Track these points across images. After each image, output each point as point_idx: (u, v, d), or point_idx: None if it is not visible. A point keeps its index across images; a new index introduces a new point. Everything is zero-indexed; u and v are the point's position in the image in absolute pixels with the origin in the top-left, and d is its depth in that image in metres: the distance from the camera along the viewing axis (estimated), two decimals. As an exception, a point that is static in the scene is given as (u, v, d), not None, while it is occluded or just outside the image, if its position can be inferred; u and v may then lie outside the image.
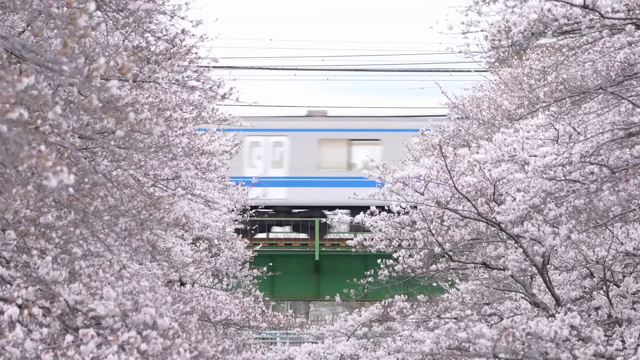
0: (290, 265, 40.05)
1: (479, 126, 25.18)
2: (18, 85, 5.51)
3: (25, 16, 9.60)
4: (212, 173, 16.68)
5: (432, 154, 22.31)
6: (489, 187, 14.24)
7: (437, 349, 13.15)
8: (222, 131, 20.23)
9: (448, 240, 14.45)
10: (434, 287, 18.35)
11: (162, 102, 11.25)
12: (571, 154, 12.06)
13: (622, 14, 10.92)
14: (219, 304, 19.12)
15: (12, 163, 5.94)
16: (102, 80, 6.90)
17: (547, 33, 11.28)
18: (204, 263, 20.83)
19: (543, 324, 11.26)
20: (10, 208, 8.02)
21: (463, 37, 11.30)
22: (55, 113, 5.96)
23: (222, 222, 21.34)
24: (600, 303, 13.95)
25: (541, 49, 19.51)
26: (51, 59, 6.21)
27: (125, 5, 10.03)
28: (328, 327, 17.65)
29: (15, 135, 5.83)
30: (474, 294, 16.05)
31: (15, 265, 9.20)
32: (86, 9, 5.74)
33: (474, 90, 28.17)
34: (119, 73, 6.33)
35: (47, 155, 5.78)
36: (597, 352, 11.28)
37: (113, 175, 9.76)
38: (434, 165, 14.60)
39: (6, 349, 7.69)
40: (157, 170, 11.95)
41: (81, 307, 8.59)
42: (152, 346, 8.02)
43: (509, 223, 13.52)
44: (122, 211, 9.66)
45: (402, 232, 14.79)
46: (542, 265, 13.83)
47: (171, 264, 15.01)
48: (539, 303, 13.91)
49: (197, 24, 11.15)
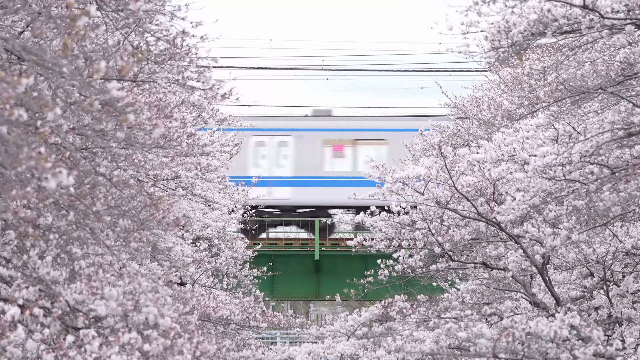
0: (290, 265, 40.04)
1: (479, 126, 25.18)
2: (18, 87, 5.52)
3: (25, 17, 9.60)
4: (212, 173, 16.68)
5: (432, 153, 22.31)
6: (488, 187, 14.24)
7: (437, 348, 13.15)
8: (222, 131, 20.24)
9: (448, 240, 14.46)
10: (434, 287, 18.36)
11: (162, 102, 11.25)
12: (571, 153, 12.06)
13: (622, 14, 10.92)
14: (219, 303, 19.14)
15: (11, 164, 5.94)
16: (102, 80, 6.91)
17: (547, 33, 11.28)
18: (204, 263, 20.84)
19: (543, 324, 11.27)
20: (10, 209, 8.02)
21: (463, 37, 11.31)
22: (55, 114, 5.97)
23: (222, 222, 21.36)
24: (600, 302, 13.96)
25: (541, 49, 19.51)
26: (51, 60, 6.21)
27: (125, 6, 10.03)
28: (328, 327, 17.65)
29: (15, 137, 5.83)
30: (474, 294, 16.06)
31: (15, 265, 9.20)
32: (87, 10, 5.75)
33: (474, 90, 28.18)
34: (119, 74, 6.34)
35: (47, 156, 5.78)
36: (597, 352, 11.29)
37: (113, 175, 9.77)
38: (433, 165, 14.60)
39: (7, 349, 7.70)
40: (157, 170, 11.96)
41: (82, 307, 8.60)
42: (153, 346, 8.03)
43: (509, 223, 13.53)
44: (122, 211, 9.66)
45: (402, 232, 14.80)
46: (542, 265, 13.84)
47: (171, 263, 15.02)
48: (539, 303, 13.92)
49: (197, 24, 11.15)
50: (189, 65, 10.85)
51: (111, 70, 7.73)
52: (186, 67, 10.83)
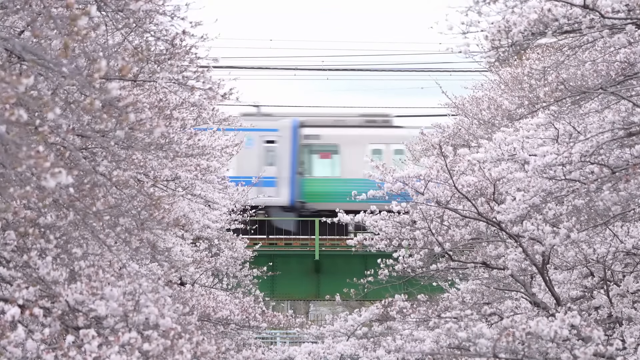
0: (290, 265, 40.02)
1: (479, 126, 25.18)
2: (18, 87, 5.51)
3: (25, 17, 9.60)
4: (212, 174, 16.69)
5: (432, 153, 22.31)
6: (488, 187, 14.23)
7: (437, 348, 13.15)
8: (222, 130, 20.23)
9: (448, 240, 14.45)
10: (434, 286, 18.34)
11: (162, 102, 11.25)
12: (571, 153, 12.05)
13: (622, 14, 10.92)
14: (219, 304, 19.13)
15: (11, 164, 5.93)
16: (102, 79, 6.89)
17: (547, 33, 11.28)
18: (204, 263, 20.84)
19: (543, 324, 11.26)
20: (10, 208, 8.02)
21: (463, 37, 11.30)
22: (55, 114, 5.96)
23: (221, 222, 21.36)
24: (600, 302, 13.95)
25: (541, 49, 19.50)
26: (51, 60, 6.21)
27: (125, 6, 10.03)
28: (328, 327, 17.65)
29: (15, 136, 5.82)
30: (474, 294, 16.05)
31: (15, 265, 9.20)
32: (87, 11, 5.74)
33: (474, 90, 28.17)
34: (119, 74, 6.33)
35: (46, 156, 5.78)
36: (598, 351, 11.28)
37: (113, 175, 9.76)
38: (433, 165, 14.60)
39: (7, 349, 7.70)
40: (157, 172, 11.96)
41: (82, 307, 8.60)
42: (153, 346, 8.02)
43: (509, 222, 13.52)
44: (122, 211, 9.66)
45: (402, 232, 14.79)
46: (542, 264, 13.83)
47: (171, 264, 15.01)
48: (539, 303, 13.91)
49: (196, 24, 11.14)
50: (189, 65, 10.86)
51: (112, 70, 7.73)
52: (186, 67, 10.83)
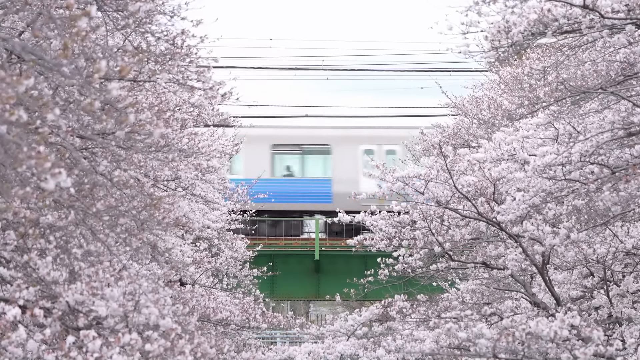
0: (290, 265, 40.03)
1: (479, 126, 25.18)
2: (18, 87, 5.51)
3: (25, 17, 9.60)
4: (212, 174, 16.70)
5: (432, 153, 22.32)
6: (488, 187, 14.23)
7: (437, 348, 13.15)
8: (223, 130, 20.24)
9: (448, 240, 14.44)
10: (434, 286, 18.34)
11: (162, 102, 11.26)
12: (571, 153, 12.05)
13: (622, 14, 10.91)
14: (219, 304, 19.12)
15: (11, 164, 5.93)
16: (102, 79, 6.90)
17: (547, 33, 11.28)
18: (204, 263, 20.83)
19: (543, 324, 11.26)
20: (10, 209, 8.02)
21: (463, 37, 11.30)
22: (54, 114, 5.96)
23: (221, 222, 21.37)
24: (600, 302, 13.95)
25: (541, 49, 19.50)
26: (51, 60, 6.21)
27: (125, 6, 10.03)
28: (328, 327, 17.64)
29: (15, 136, 5.82)
30: (474, 294, 16.04)
31: (15, 265, 9.20)
32: (87, 11, 5.74)
33: (474, 89, 28.19)
34: (119, 74, 6.33)
35: (46, 156, 5.77)
36: (597, 352, 11.28)
37: (113, 175, 9.76)
38: (433, 165, 14.59)
39: (8, 349, 7.69)
40: (158, 172, 11.96)
41: (82, 307, 8.59)
42: (154, 347, 8.02)
43: (509, 222, 13.52)
44: (122, 211, 9.65)
45: (402, 232, 14.78)
46: (542, 264, 13.82)
47: (171, 264, 15.01)
48: (539, 303, 13.91)
49: (197, 23, 11.14)
50: (189, 65, 10.86)
51: (111, 71, 7.72)
52: (186, 67, 10.83)
